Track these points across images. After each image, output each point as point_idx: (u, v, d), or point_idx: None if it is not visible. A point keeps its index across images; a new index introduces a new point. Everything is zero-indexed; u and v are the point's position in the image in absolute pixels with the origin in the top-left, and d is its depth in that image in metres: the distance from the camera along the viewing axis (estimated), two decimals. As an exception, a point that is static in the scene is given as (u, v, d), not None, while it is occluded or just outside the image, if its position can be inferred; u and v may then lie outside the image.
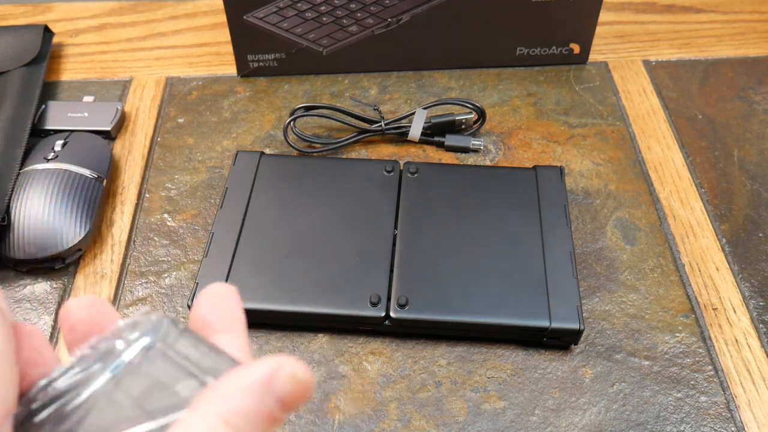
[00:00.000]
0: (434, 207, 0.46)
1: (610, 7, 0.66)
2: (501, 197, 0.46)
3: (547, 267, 0.42)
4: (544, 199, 0.46)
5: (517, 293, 0.41)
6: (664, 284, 0.45)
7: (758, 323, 0.43)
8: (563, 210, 0.46)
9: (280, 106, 0.57)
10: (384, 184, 0.47)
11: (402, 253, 0.43)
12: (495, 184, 0.47)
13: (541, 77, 0.59)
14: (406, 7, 0.55)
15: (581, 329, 0.40)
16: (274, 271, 0.43)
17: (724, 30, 0.64)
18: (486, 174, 0.48)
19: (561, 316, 0.40)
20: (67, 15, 0.66)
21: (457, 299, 0.41)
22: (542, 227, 0.44)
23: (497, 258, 0.43)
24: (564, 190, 0.47)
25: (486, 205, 0.46)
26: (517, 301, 0.41)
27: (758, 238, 0.48)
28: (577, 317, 0.40)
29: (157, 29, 0.64)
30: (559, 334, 0.40)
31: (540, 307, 0.41)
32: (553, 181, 0.47)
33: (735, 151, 0.54)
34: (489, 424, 0.39)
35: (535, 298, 0.41)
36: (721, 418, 0.39)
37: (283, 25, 0.56)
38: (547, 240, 0.44)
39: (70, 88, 0.59)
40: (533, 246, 0.44)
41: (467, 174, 0.48)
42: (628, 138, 0.54)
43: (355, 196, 0.46)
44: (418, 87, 0.59)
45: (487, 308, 0.41)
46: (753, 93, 0.58)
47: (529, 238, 0.44)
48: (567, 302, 0.41)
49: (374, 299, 0.41)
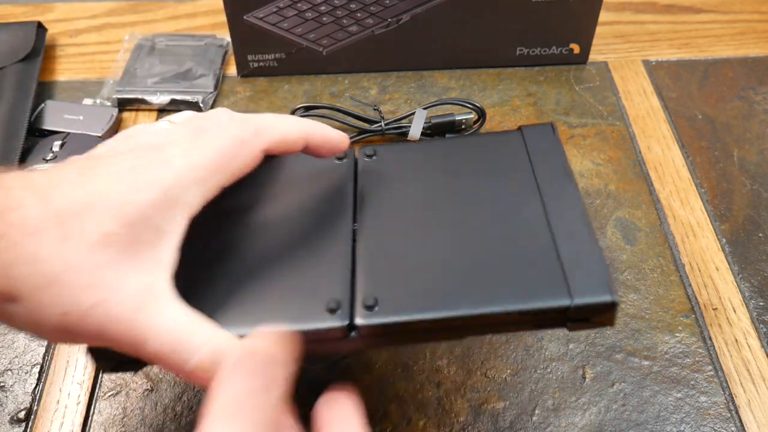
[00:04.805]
0: (400, 190, 0.37)
1: (610, 7, 0.66)
2: (482, 167, 0.37)
3: (555, 234, 0.33)
4: (538, 159, 0.37)
5: (521, 271, 0.32)
6: (664, 284, 0.45)
7: (758, 323, 0.43)
8: (564, 167, 0.36)
9: (281, 106, 0.57)
10: (335, 173, 0.38)
11: (365, 248, 0.34)
12: (473, 154, 0.38)
13: (541, 77, 0.59)
14: (406, 7, 0.55)
15: (615, 301, 0.30)
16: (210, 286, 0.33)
17: (724, 30, 0.64)
18: (460, 145, 0.40)
19: (585, 289, 0.30)
20: (67, 15, 0.66)
21: (441, 290, 0.31)
22: (540, 190, 0.35)
23: (488, 235, 0.33)
24: (560, 145, 0.37)
25: (465, 179, 0.37)
26: (522, 280, 0.31)
27: (758, 238, 0.48)
28: (607, 286, 0.30)
29: (157, 29, 0.64)
30: (587, 311, 0.30)
31: (553, 281, 0.31)
32: (545, 139, 0.38)
33: (735, 151, 0.54)
34: (489, 424, 0.39)
35: (545, 273, 0.31)
36: (721, 418, 0.39)
37: (283, 25, 0.56)
38: (549, 204, 0.34)
39: (70, 88, 0.59)
40: (532, 213, 0.34)
41: (436, 149, 0.39)
42: (628, 138, 0.54)
43: (301, 193, 0.37)
44: (418, 87, 0.59)
45: (484, 295, 0.31)
46: (753, 93, 0.58)
47: (524, 205, 0.34)
48: (590, 271, 0.31)
49: (332, 305, 0.30)
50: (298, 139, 0.33)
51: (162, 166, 0.28)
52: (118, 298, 0.26)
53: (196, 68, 0.58)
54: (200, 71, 0.58)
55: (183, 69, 0.58)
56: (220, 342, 0.27)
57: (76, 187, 0.27)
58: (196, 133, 0.30)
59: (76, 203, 0.26)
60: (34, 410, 0.40)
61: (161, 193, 0.27)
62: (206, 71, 0.58)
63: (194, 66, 0.59)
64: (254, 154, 0.31)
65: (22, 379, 0.41)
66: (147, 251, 0.27)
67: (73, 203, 0.26)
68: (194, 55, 0.60)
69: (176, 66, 0.59)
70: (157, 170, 0.28)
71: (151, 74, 0.58)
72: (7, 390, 0.40)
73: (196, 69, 0.58)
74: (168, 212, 0.28)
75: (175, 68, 0.58)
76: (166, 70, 0.58)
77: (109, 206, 0.26)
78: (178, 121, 0.32)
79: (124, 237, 0.26)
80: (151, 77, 0.58)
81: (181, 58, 0.59)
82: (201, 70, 0.58)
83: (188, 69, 0.58)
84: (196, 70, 0.58)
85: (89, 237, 0.26)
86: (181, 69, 0.58)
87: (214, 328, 0.28)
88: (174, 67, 0.59)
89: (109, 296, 0.26)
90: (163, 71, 0.58)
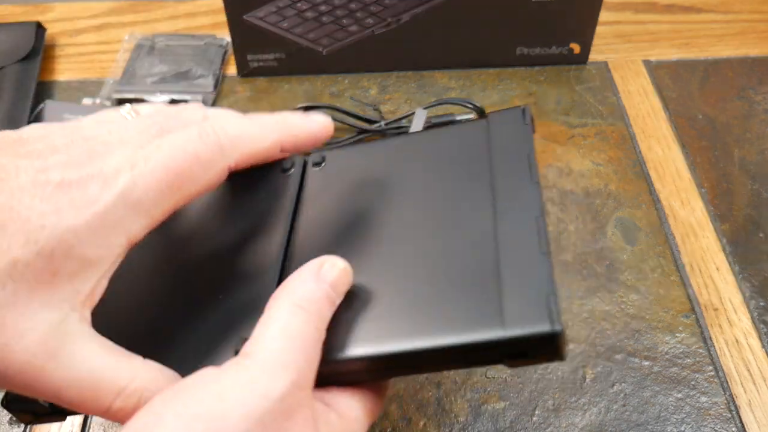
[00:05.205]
0: (342, 205, 0.32)
1: (610, 7, 0.66)
2: (437, 168, 0.31)
3: (500, 243, 0.27)
4: (498, 152, 0.30)
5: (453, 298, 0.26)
6: (664, 284, 0.45)
7: (759, 323, 0.43)
8: (525, 161, 0.29)
9: (280, 106, 0.57)
10: (278, 188, 0.33)
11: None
12: (430, 152, 0.32)
13: (541, 77, 0.59)
14: (406, 7, 0.55)
15: (556, 331, 0.23)
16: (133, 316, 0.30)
17: (725, 30, 0.64)
18: (417, 142, 0.34)
19: (519, 317, 0.24)
20: (66, 15, 0.66)
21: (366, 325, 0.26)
22: (494, 189, 0.29)
23: (428, 255, 0.28)
24: (528, 134, 0.31)
25: (415, 185, 0.31)
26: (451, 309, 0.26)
27: (759, 238, 0.48)
28: (547, 313, 0.24)
29: (157, 29, 0.64)
30: (522, 345, 0.24)
31: (486, 309, 0.25)
32: (512, 127, 0.31)
33: (735, 151, 0.54)
34: (489, 424, 0.39)
35: (478, 299, 0.25)
36: (722, 418, 0.39)
37: (283, 25, 0.56)
38: (500, 206, 0.28)
39: (70, 88, 0.59)
40: (479, 223, 0.28)
41: (390, 149, 0.34)
42: (629, 138, 0.54)
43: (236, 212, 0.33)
44: (418, 87, 0.59)
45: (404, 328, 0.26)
46: (753, 93, 0.58)
47: (473, 213, 0.29)
48: (530, 294, 0.25)
49: (239, 346, 0.25)
50: (272, 147, 0.29)
51: (98, 185, 0.23)
52: (22, 344, 0.22)
53: (195, 68, 0.58)
54: (200, 71, 0.58)
55: (183, 69, 0.58)
56: (146, 378, 0.24)
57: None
58: (156, 135, 0.26)
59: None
60: (33, 410, 0.39)
61: (93, 218, 0.23)
62: (206, 71, 0.58)
63: (194, 66, 0.59)
64: (216, 174, 0.27)
65: (21, 379, 0.41)
66: (63, 284, 0.23)
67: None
68: (194, 55, 0.60)
69: (176, 66, 0.59)
70: (92, 189, 0.23)
71: (150, 74, 0.58)
72: (7, 390, 0.40)
73: (196, 69, 0.58)
74: (100, 240, 0.23)
75: (175, 68, 0.58)
76: (165, 70, 0.58)
77: (23, 229, 0.22)
78: (142, 113, 0.28)
79: (37, 268, 0.22)
80: (150, 77, 0.58)
81: (180, 58, 0.59)
82: (201, 70, 0.58)
83: (188, 69, 0.58)
84: (196, 70, 0.58)
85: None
86: (181, 69, 0.58)
87: (137, 364, 0.24)
88: (174, 67, 0.58)
89: (10, 342, 0.22)
90: (163, 71, 0.58)
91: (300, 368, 0.24)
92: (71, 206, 0.23)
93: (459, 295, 0.26)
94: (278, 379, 0.23)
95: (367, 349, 0.26)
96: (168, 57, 0.59)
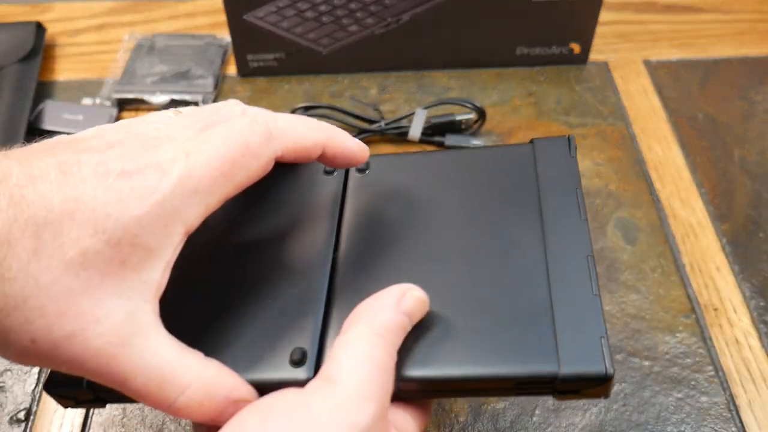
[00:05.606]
0: (391, 214, 0.32)
1: (610, 7, 0.66)
2: (483, 189, 0.33)
3: (552, 282, 0.28)
4: (546, 184, 0.32)
5: (506, 329, 0.27)
6: (664, 284, 0.45)
7: (759, 323, 0.43)
8: (573, 196, 0.31)
9: (280, 106, 0.57)
10: (321, 190, 0.33)
11: (343, 285, 0.30)
12: (475, 172, 0.34)
13: (541, 77, 0.59)
14: (406, 7, 0.55)
15: (609, 374, 0.26)
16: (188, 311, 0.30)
17: (725, 30, 0.64)
18: (465, 159, 0.35)
19: (575, 357, 0.26)
20: (66, 15, 0.66)
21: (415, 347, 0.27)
22: (543, 222, 0.30)
23: (478, 279, 0.29)
24: (575, 167, 0.32)
25: (463, 204, 0.32)
26: (507, 340, 0.27)
27: (759, 238, 0.48)
28: (601, 356, 0.26)
29: (156, 29, 0.64)
30: (576, 382, 0.26)
31: (542, 344, 0.27)
32: (559, 158, 0.33)
33: (736, 151, 0.54)
34: (489, 424, 0.39)
35: (533, 333, 0.27)
36: (722, 418, 0.39)
37: (283, 25, 0.56)
38: (550, 242, 0.30)
39: (69, 88, 0.59)
40: (530, 255, 0.30)
41: (439, 162, 0.35)
42: (629, 138, 0.54)
43: (283, 212, 0.33)
44: (418, 87, 0.59)
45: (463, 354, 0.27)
46: (754, 93, 0.58)
47: (523, 243, 0.30)
48: (585, 335, 0.27)
49: (297, 356, 0.27)
50: (315, 147, 0.29)
51: (156, 174, 0.24)
52: (99, 330, 0.23)
53: (195, 68, 0.58)
54: (200, 71, 0.58)
55: (183, 69, 0.58)
56: (209, 377, 0.25)
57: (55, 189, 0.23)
58: (202, 129, 0.27)
59: (53, 210, 0.22)
60: (33, 410, 0.39)
61: (154, 207, 0.23)
62: (206, 71, 0.58)
63: (194, 66, 0.59)
64: (264, 162, 0.27)
65: (21, 379, 0.41)
66: (131, 274, 0.23)
67: (49, 210, 0.22)
68: (194, 55, 0.60)
69: (176, 66, 0.59)
70: (150, 178, 0.24)
71: (150, 74, 0.58)
72: (7, 390, 0.40)
73: (196, 69, 0.58)
74: (160, 229, 0.24)
75: (175, 68, 0.58)
76: (165, 70, 0.58)
77: (90, 218, 0.22)
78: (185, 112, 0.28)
79: (106, 257, 0.23)
80: (150, 77, 0.58)
81: (180, 58, 0.59)
82: (200, 69, 0.58)
83: (188, 69, 0.58)
84: (196, 69, 0.58)
85: (65, 253, 0.22)
86: (181, 69, 0.58)
87: (202, 362, 0.25)
88: (174, 67, 0.58)
89: (88, 327, 0.23)
90: (163, 71, 0.58)
91: (381, 400, 0.24)
92: (132, 195, 0.23)
93: (515, 326, 0.27)
94: (365, 412, 0.24)
95: (432, 371, 0.27)
96: (168, 57, 0.59)
